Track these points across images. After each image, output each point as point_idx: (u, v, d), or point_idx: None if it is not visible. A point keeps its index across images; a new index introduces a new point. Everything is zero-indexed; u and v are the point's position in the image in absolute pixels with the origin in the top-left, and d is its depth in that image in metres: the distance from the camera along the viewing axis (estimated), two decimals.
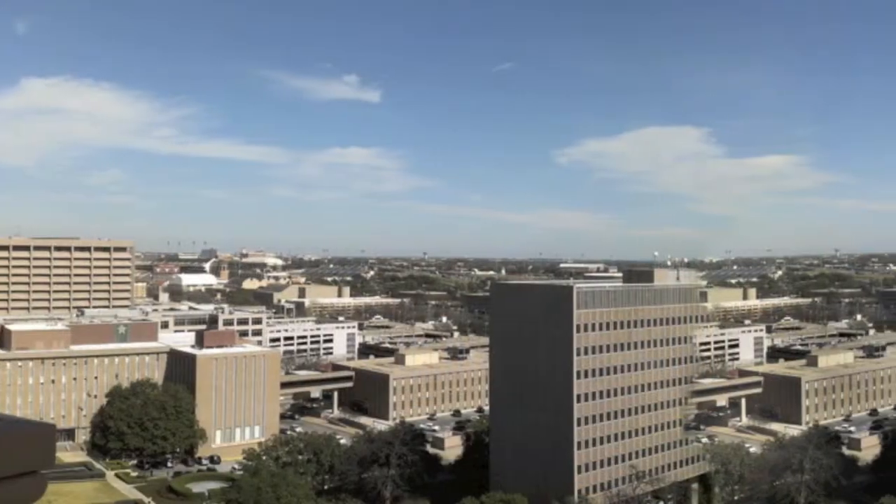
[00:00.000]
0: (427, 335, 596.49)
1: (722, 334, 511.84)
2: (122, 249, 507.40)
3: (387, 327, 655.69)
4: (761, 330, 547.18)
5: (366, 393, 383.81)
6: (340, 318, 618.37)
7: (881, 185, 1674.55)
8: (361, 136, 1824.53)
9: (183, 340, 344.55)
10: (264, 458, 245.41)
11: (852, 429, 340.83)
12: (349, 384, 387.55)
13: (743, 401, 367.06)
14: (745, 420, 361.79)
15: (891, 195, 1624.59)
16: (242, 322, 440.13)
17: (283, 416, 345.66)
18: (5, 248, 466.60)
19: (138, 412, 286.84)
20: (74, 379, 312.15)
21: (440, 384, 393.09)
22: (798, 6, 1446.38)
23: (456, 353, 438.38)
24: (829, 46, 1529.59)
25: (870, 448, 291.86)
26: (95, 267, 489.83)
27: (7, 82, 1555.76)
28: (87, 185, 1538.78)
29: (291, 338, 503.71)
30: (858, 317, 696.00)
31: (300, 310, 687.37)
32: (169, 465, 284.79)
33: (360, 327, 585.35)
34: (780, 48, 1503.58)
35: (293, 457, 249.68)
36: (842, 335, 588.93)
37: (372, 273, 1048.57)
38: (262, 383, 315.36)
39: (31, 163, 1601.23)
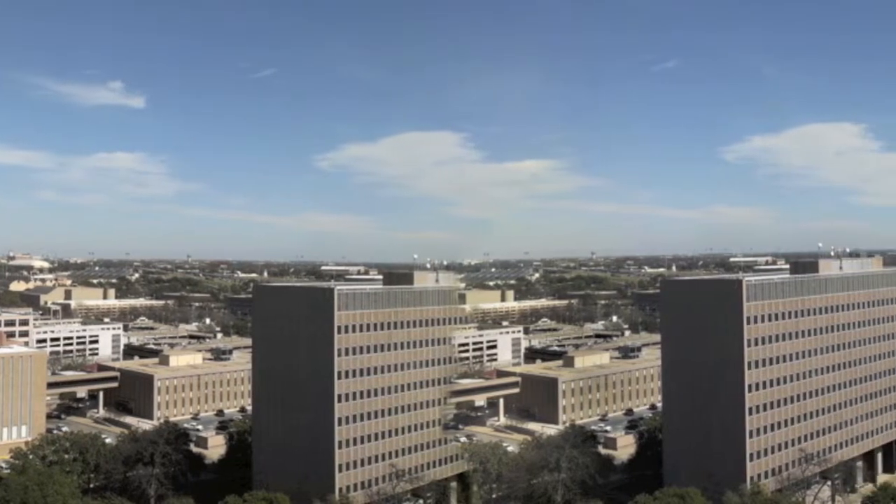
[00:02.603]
0: (191, 336, 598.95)
1: (480, 335, 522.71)
2: None
3: (151, 329, 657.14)
4: (519, 331, 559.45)
5: (131, 393, 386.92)
6: (106, 320, 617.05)
7: (635, 190, 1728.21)
8: (127, 140, 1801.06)
9: None
10: (31, 457, 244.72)
11: (608, 428, 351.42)
12: (114, 384, 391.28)
13: (501, 401, 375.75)
14: (503, 420, 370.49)
15: (644, 199, 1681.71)
16: (9, 324, 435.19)
17: (49, 416, 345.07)
18: None
19: None
20: None
21: (203, 384, 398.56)
22: (549, 15, 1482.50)
23: (219, 354, 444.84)
24: (581, 54, 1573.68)
25: (625, 447, 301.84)
26: None
27: None
28: None
29: (58, 339, 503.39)
30: (614, 318, 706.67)
31: (66, 311, 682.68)
32: None
33: (126, 329, 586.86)
34: (535, 55, 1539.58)
35: (59, 456, 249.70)
36: (598, 336, 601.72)
37: (137, 275, 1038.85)
38: (28, 383, 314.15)
39: None
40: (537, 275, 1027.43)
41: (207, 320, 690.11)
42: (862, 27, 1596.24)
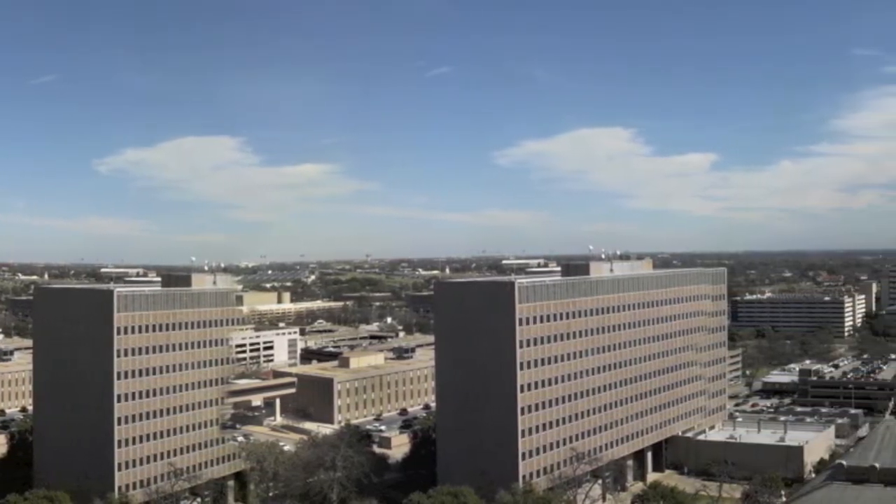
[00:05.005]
0: None
1: (257, 337, 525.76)
2: None
3: None
4: (295, 332, 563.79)
5: None
6: None
7: (409, 194, 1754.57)
8: None
9: None
10: None
11: (383, 428, 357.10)
12: None
13: (277, 401, 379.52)
14: (279, 419, 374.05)
15: (418, 203, 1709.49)
16: None
17: None
18: None
19: None
20: None
21: None
22: (324, 20, 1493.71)
23: (0, 356, 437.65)
24: (357, 59, 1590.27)
25: (400, 446, 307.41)
26: None
27: None
28: None
29: None
30: (389, 320, 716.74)
31: None
32: None
33: None
34: (311, 60, 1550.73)
35: None
36: (373, 338, 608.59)
37: None
38: None
39: None
40: (313, 277, 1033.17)
41: None
42: (628, 32, 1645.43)
